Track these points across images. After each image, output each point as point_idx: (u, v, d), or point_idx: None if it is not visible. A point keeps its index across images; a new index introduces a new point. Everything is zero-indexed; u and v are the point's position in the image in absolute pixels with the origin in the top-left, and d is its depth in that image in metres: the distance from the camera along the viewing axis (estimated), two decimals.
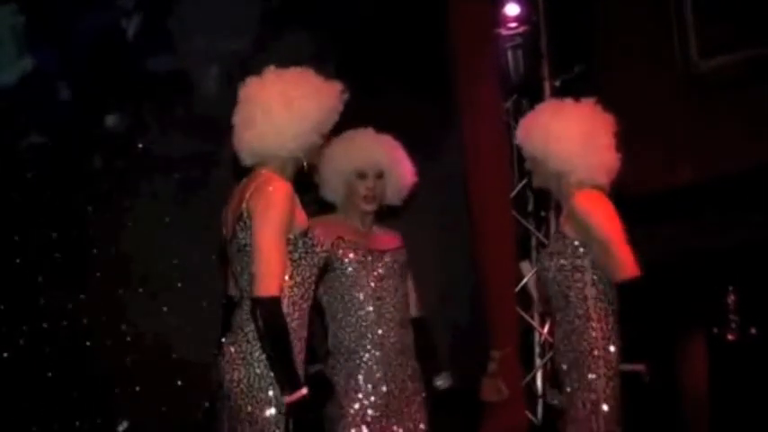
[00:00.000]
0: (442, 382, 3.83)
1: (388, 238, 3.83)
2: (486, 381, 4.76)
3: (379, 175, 3.76)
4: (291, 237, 3.11)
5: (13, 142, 4.63)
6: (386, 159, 3.78)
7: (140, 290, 4.69)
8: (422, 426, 3.69)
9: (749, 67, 4.92)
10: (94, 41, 4.78)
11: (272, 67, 3.23)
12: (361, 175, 3.73)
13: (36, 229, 4.58)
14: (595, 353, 3.34)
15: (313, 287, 3.21)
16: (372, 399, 3.60)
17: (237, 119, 3.20)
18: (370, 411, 3.59)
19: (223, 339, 3.13)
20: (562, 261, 3.42)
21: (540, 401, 5.26)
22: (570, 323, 3.42)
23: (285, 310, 3.05)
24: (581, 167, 3.43)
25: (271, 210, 3.06)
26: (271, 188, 3.10)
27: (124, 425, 4.60)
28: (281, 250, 3.03)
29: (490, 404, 4.75)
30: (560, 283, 3.44)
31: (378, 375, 3.63)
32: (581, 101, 3.55)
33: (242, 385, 3.00)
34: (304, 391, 2.95)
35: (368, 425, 3.57)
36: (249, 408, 2.97)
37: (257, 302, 2.94)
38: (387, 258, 3.74)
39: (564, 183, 3.49)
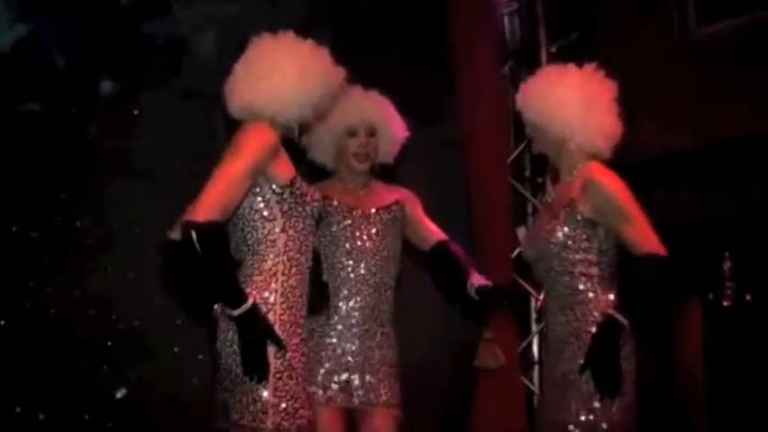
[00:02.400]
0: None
1: (382, 197, 3.77)
2: (483, 347, 4.78)
3: (371, 133, 3.71)
4: (275, 188, 3.08)
5: (8, 109, 4.60)
6: (377, 115, 3.74)
7: (134, 259, 4.67)
8: (384, 398, 3.62)
9: (747, 33, 4.89)
10: (89, 7, 4.73)
11: (290, 33, 3.21)
12: (352, 133, 3.70)
13: (30, 196, 4.55)
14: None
15: (310, 239, 3.18)
16: (335, 362, 3.60)
17: (241, 71, 3.17)
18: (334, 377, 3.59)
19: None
20: (568, 237, 3.41)
21: (537, 367, 5.29)
22: (572, 296, 3.42)
23: (281, 266, 3.05)
24: (581, 132, 3.42)
25: (242, 146, 3.03)
26: (249, 128, 3.09)
27: (122, 392, 4.61)
28: (235, 184, 2.97)
29: (486, 370, 4.77)
30: (564, 259, 3.43)
31: (342, 339, 3.61)
32: (582, 66, 3.54)
33: (234, 345, 2.98)
34: (250, 302, 2.94)
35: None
36: (239, 370, 2.97)
37: (193, 226, 2.86)
38: (372, 219, 3.69)
39: (564, 149, 3.48)
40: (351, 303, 3.62)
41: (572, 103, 3.42)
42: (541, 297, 5.23)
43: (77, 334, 4.54)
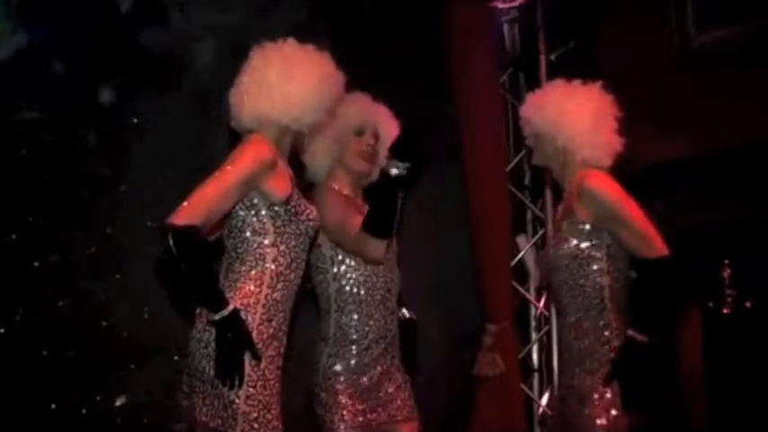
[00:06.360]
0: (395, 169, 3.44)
1: None
2: (482, 355, 4.78)
3: (375, 136, 3.71)
4: (269, 204, 3.09)
5: (7, 117, 4.61)
6: (382, 120, 3.74)
7: (133, 266, 4.67)
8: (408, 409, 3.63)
9: (746, 41, 4.90)
10: (88, 15, 4.74)
11: (290, 40, 3.24)
12: (359, 132, 3.68)
13: (30, 203, 4.56)
14: (613, 340, 3.36)
15: (302, 256, 3.20)
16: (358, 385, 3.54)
17: (246, 81, 3.19)
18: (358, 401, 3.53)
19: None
20: (575, 248, 3.41)
21: (537, 375, 5.28)
22: (585, 310, 3.42)
23: (268, 279, 3.06)
24: (588, 146, 3.47)
25: (237, 158, 3.06)
26: (247, 143, 3.12)
27: (121, 400, 4.61)
28: (223, 193, 2.99)
29: (485, 378, 4.77)
30: (573, 271, 3.43)
31: (363, 362, 3.56)
32: (588, 83, 3.59)
33: (210, 348, 2.99)
34: (231, 307, 2.95)
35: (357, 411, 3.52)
36: (212, 373, 2.97)
37: (170, 229, 2.88)
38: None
39: (568, 161, 3.51)
40: (379, 331, 3.59)
41: (582, 117, 3.48)
42: (541, 305, 5.27)
43: (77, 340, 4.54)
